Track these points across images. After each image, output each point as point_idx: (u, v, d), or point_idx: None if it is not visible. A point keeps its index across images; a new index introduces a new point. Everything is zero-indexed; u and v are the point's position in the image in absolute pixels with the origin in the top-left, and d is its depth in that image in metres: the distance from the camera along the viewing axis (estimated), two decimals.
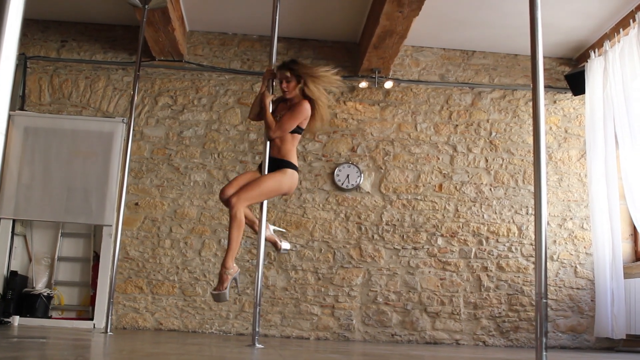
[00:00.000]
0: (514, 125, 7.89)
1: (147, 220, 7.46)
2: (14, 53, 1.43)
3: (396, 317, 7.35)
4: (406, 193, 7.65)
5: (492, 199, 7.66)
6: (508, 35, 7.61)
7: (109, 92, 7.79)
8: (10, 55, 1.41)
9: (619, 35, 6.98)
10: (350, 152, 7.72)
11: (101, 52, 7.90)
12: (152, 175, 7.57)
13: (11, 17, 1.40)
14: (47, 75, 7.80)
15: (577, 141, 7.86)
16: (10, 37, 1.41)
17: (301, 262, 7.41)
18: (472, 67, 8.06)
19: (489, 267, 7.48)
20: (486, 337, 7.33)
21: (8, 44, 1.41)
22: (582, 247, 7.57)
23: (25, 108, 7.66)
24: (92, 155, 7.48)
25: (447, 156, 7.77)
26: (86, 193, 7.37)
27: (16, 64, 1.46)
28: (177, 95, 7.81)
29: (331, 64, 7.86)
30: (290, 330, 7.28)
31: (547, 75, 7.85)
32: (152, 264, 7.34)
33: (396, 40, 7.00)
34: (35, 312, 7.04)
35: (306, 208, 7.54)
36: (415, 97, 7.93)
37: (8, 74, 1.41)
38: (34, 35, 7.86)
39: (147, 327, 7.24)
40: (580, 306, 7.44)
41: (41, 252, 7.47)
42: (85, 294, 7.44)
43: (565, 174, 7.75)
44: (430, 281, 7.44)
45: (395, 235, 7.52)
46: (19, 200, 7.29)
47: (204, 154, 7.63)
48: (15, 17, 1.41)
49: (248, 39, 8.02)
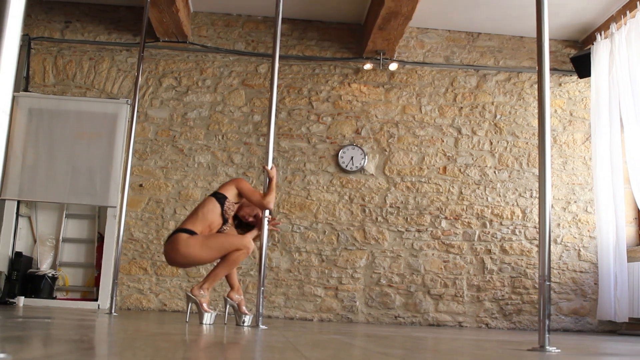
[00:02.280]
0: (518, 107, 7.86)
1: (152, 201, 7.47)
2: (18, 34, 1.42)
3: (399, 299, 7.37)
4: (410, 175, 7.64)
5: (497, 182, 7.65)
6: (514, 17, 7.57)
7: (113, 74, 7.77)
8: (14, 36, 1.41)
9: (626, 18, 6.93)
10: (354, 134, 7.71)
11: (105, 33, 7.88)
12: (156, 156, 7.57)
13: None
14: (51, 56, 7.78)
15: (582, 124, 7.83)
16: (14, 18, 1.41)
17: (305, 244, 7.43)
18: (477, 49, 8.02)
19: (493, 249, 7.49)
20: (489, 320, 7.35)
21: (12, 25, 1.40)
22: (586, 231, 7.57)
23: (29, 89, 7.65)
24: (97, 137, 7.47)
25: (452, 139, 7.75)
26: (90, 174, 7.37)
27: (20, 45, 1.45)
28: (182, 77, 7.79)
29: (335, 45, 7.85)
30: (294, 311, 7.31)
31: (552, 58, 7.81)
32: (156, 245, 7.36)
33: (401, 21, 6.96)
34: (40, 292, 7.07)
35: (310, 190, 7.55)
36: (420, 79, 7.90)
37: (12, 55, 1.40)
38: (37, 16, 7.84)
39: (151, 308, 7.27)
40: (583, 289, 7.45)
41: (46, 233, 7.49)
42: (89, 275, 7.47)
43: (569, 157, 7.74)
44: (434, 263, 7.45)
45: (399, 217, 7.53)
46: (23, 181, 7.30)
47: (208, 136, 7.62)
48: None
49: (252, 20, 7.99)
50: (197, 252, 4.46)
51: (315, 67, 7.88)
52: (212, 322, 4.46)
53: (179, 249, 4.46)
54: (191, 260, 4.53)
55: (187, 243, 4.44)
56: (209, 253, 4.49)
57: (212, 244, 4.49)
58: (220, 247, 4.48)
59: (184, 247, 4.44)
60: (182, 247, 4.44)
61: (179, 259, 4.52)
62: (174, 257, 4.52)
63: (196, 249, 4.45)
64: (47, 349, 1.96)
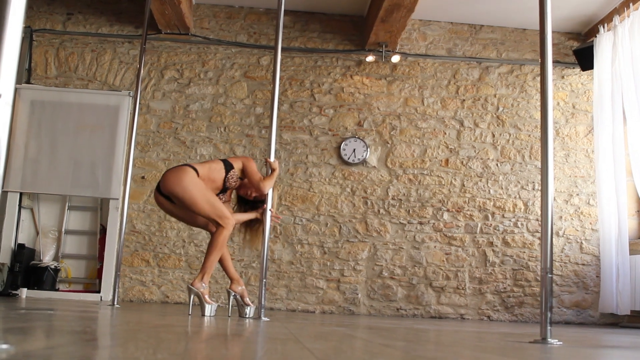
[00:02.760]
0: (521, 100, 7.85)
1: (154, 193, 7.47)
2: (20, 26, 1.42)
3: (401, 292, 7.38)
4: (412, 168, 7.64)
5: (499, 174, 7.65)
6: (516, 9, 7.55)
7: (115, 66, 7.77)
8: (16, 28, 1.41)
9: (629, 10, 6.91)
10: (356, 127, 7.71)
11: (107, 25, 7.87)
12: (158, 148, 7.58)
13: None
14: (53, 48, 7.78)
15: (584, 117, 7.82)
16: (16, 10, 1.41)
17: (307, 236, 7.44)
18: (479, 42, 8.01)
19: (495, 242, 7.49)
20: (491, 312, 7.36)
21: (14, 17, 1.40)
22: (588, 223, 7.57)
23: (32, 81, 7.65)
24: (99, 129, 7.48)
25: (454, 131, 7.75)
26: (93, 166, 7.38)
27: (22, 37, 1.45)
28: (184, 69, 7.79)
29: (338, 37, 7.84)
30: (296, 303, 7.32)
31: (555, 50, 7.80)
32: (158, 237, 7.38)
33: (404, 13, 6.94)
34: (42, 284, 7.09)
35: (312, 182, 7.55)
36: (423, 71, 7.89)
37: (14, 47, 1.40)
38: (39, 8, 7.83)
39: (154, 300, 7.29)
40: (585, 282, 7.46)
41: (48, 225, 7.51)
42: (92, 267, 7.49)
43: (572, 150, 7.73)
44: (436, 256, 7.46)
45: (401, 209, 7.53)
46: (25, 173, 7.31)
47: (210, 128, 7.62)
48: None
49: (255, 12, 7.98)
50: (195, 193, 4.40)
51: (318, 59, 7.87)
52: (214, 314, 4.46)
53: (182, 179, 4.42)
54: (186, 196, 4.41)
55: (193, 179, 4.43)
56: (201, 202, 4.40)
57: (208, 196, 4.44)
58: (212, 205, 4.42)
59: (188, 180, 4.41)
60: (186, 180, 4.41)
61: (176, 189, 4.43)
62: (172, 183, 4.45)
63: (195, 189, 4.40)
64: (50, 340, 1.97)
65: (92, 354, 1.60)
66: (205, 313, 4.39)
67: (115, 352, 1.63)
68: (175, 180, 4.46)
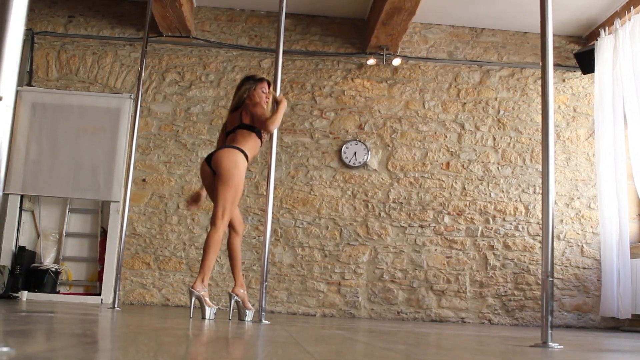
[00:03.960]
0: (522, 103, 7.85)
1: (155, 196, 7.48)
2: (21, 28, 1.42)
3: (402, 295, 7.37)
4: (413, 171, 7.64)
5: (500, 178, 7.65)
6: (517, 13, 7.56)
7: (116, 68, 7.78)
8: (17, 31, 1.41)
9: (630, 14, 6.91)
10: (357, 130, 7.71)
11: (108, 28, 7.88)
12: (159, 151, 7.58)
13: None
14: (55, 50, 7.79)
15: (585, 120, 7.82)
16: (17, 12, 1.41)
17: (308, 239, 7.43)
18: (480, 45, 8.01)
19: (496, 245, 7.49)
20: (492, 316, 7.35)
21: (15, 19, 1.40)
22: (589, 227, 7.56)
23: (33, 84, 7.66)
24: (100, 131, 7.48)
25: (455, 134, 7.75)
26: (94, 169, 7.38)
27: (23, 39, 1.45)
28: (185, 72, 7.79)
29: (339, 40, 7.85)
30: (297, 306, 7.31)
31: (556, 54, 7.80)
32: (159, 240, 7.37)
33: (405, 17, 6.95)
34: (43, 287, 7.09)
35: (313, 185, 7.55)
36: (424, 74, 7.89)
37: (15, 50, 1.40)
38: (41, 11, 7.84)
39: (154, 302, 7.28)
40: (586, 285, 7.45)
41: (49, 227, 7.51)
42: (92, 270, 7.49)
43: (573, 153, 7.73)
44: (437, 259, 7.45)
45: (402, 213, 7.53)
46: (26, 175, 7.31)
47: (211, 131, 7.62)
48: None
49: (256, 15, 7.98)
50: (235, 176, 4.50)
51: (319, 62, 7.88)
52: (214, 317, 4.46)
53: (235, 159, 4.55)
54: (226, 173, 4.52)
55: (245, 165, 4.58)
56: (231, 187, 4.48)
57: (239, 190, 4.55)
58: (232, 198, 4.50)
59: (240, 162, 4.55)
60: (239, 161, 4.55)
61: (224, 162, 4.54)
62: (224, 157, 4.56)
63: (237, 173, 4.51)
64: (50, 343, 1.97)
65: (92, 357, 1.60)
66: (205, 316, 4.39)
67: (115, 355, 1.63)
68: (228, 156, 4.57)
